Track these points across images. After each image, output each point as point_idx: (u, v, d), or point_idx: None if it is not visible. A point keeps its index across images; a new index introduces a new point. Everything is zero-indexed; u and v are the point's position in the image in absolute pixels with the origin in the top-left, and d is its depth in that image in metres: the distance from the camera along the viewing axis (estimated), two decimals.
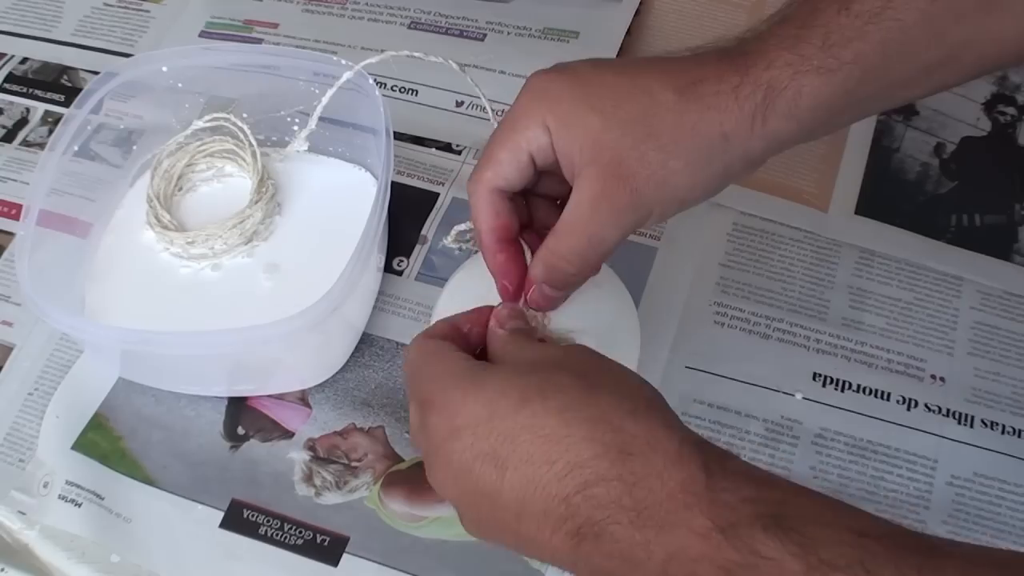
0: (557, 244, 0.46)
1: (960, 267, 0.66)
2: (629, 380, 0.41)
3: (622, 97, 0.45)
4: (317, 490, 0.58)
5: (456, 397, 0.41)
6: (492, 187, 0.47)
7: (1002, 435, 0.60)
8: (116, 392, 0.62)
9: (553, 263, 0.47)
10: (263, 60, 0.67)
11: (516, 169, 0.47)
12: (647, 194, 0.44)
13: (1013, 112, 0.73)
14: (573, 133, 0.45)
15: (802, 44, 0.44)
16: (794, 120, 0.44)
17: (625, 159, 0.44)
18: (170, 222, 0.64)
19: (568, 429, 0.38)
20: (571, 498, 0.37)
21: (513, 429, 0.39)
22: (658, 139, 0.44)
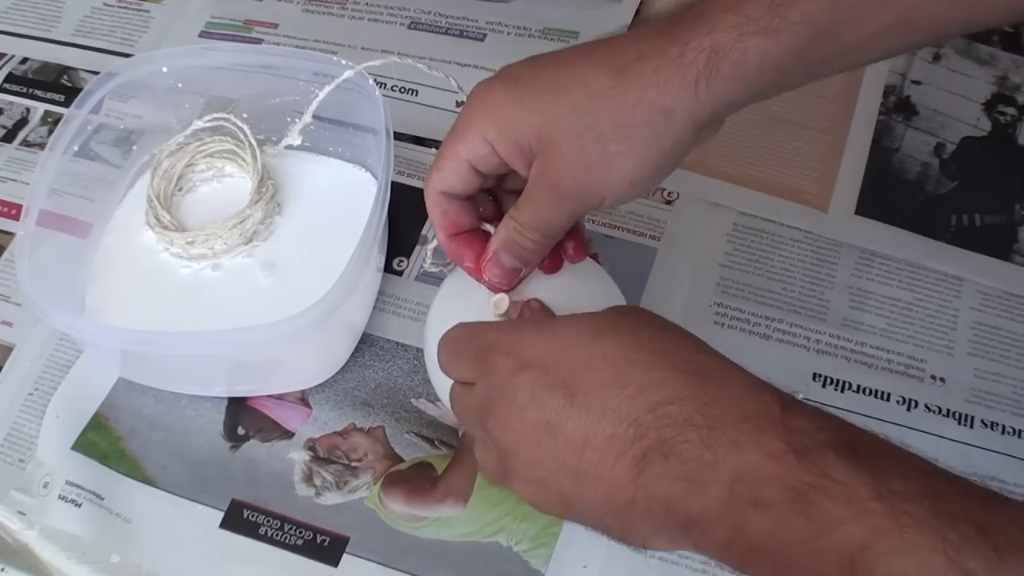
0: (516, 212, 0.49)
1: (960, 267, 0.66)
2: (691, 334, 0.42)
3: (559, 90, 0.45)
4: (317, 490, 0.58)
5: (528, 337, 0.42)
6: (437, 190, 0.50)
7: (1002, 435, 0.60)
8: (116, 392, 0.62)
9: (511, 227, 0.49)
10: (263, 60, 0.67)
11: (458, 177, 0.49)
12: (591, 183, 0.46)
13: (1013, 112, 0.73)
14: (516, 135, 0.46)
15: (748, 5, 0.43)
16: (741, 81, 0.44)
17: (565, 152, 0.45)
18: (170, 222, 0.64)
19: (642, 355, 0.38)
20: (642, 418, 0.37)
21: (586, 358, 0.39)
22: (596, 128, 0.45)
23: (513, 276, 0.51)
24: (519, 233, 0.49)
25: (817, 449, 0.35)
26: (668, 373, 0.38)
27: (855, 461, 0.34)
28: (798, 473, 0.34)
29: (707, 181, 0.70)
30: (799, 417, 0.36)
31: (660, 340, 0.39)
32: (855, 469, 0.34)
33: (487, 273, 0.50)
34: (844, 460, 0.34)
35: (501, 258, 0.50)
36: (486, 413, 0.42)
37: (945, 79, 0.75)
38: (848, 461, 0.34)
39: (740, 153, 0.71)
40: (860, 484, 0.34)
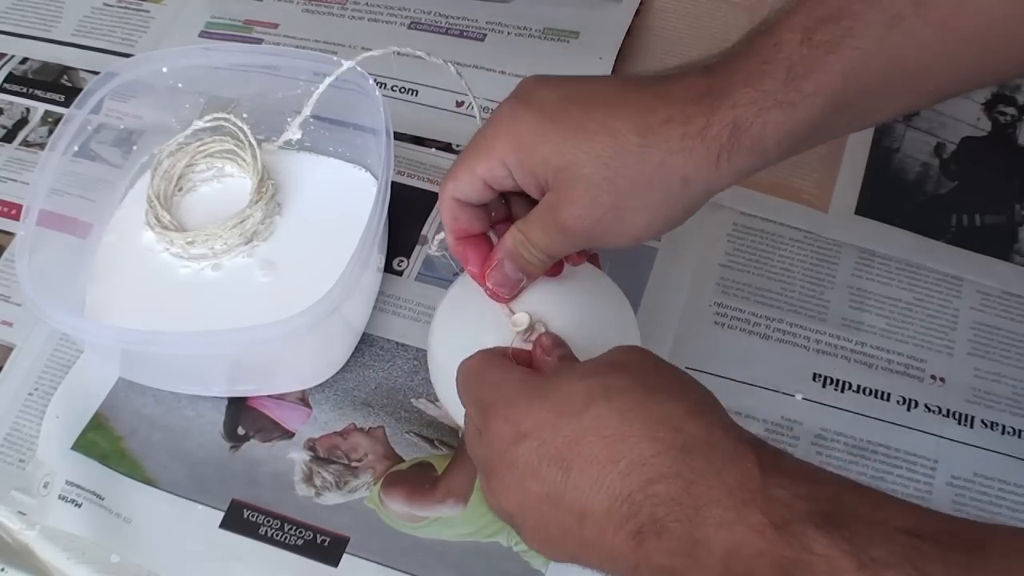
0: (525, 226, 0.49)
1: (960, 267, 0.66)
2: (685, 382, 0.42)
3: (585, 135, 0.46)
4: (317, 490, 0.58)
5: (521, 403, 0.42)
6: (451, 197, 0.50)
7: (1002, 435, 0.60)
8: (116, 392, 0.62)
9: (519, 241, 0.49)
10: (263, 60, 0.67)
11: (472, 190, 0.49)
12: (598, 231, 0.47)
13: (1013, 112, 0.73)
14: (535, 168, 0.47)
15: (766, 79, 0.44)
16: (760, 155, 0.45)
17: (579, 199, 0.46)
18: (170, 222, 0.64)
19: (631, 429, 0.39)
20: (634, 495, 0.38)
21: (578, 431, 0.40)
22: (614, 182, 0.45)
23: (515, 286, 0.51)
24: (524, 247, 0.49)
25: (798, 522, 0.35)
26: (656, 449, 0.38)
27: (834, 531, 0.35)
28: (782, 549, 0.35)
29: None
30: (779, 485, 0.37)
31: (649, 407, 0.40)
32: (835, 541, 0.35)
33: (490, 280, 0.51)
34: (824, 532, 0.35)
35: (504, 268, 0.50)
36: (489, 473, 0.44)
37: None
38: (827, 532, 0.35)
39: None
40: (841, 556, 0.34)
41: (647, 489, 0.38)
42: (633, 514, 0.38)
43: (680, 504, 0.37)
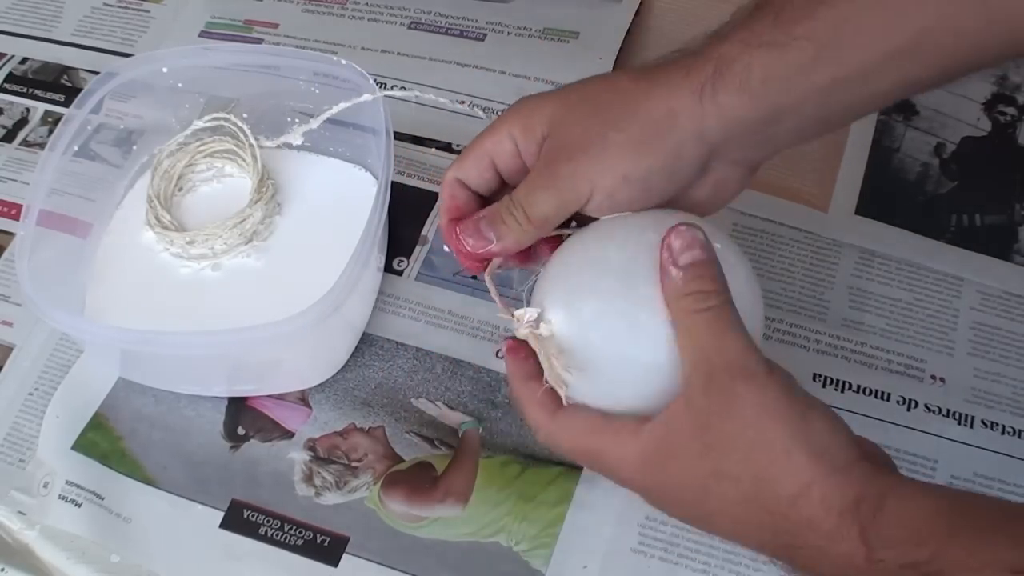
0: (514, 191, 0.48)
1: (960, 267, 0.66)
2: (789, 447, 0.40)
3: (583, 85, 0.48)
4: (317, 490, 0.58)
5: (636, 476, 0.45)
6: (454, 176, 0.50)
7: (1002, 435, 0.60)
8: (116, 392, 0.62)
9: (504, 202, 0.48)
10: (263, 60, 0.67)
11: (476, 170, 0.49)
12: (585, 165, 0.46)
13: (1013, 112, 0.73)
14: (533, 124, 0.47)
15: (755, 22, 0.45)
16: (746, 94, 0.44)
17: (570, 130, 0.46)
18: (170, 222, 0.64)
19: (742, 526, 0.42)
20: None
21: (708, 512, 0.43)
22: (603, 114, 0.46)
23: (482, 244, 0.48)
24: (507, 207, 0.48)
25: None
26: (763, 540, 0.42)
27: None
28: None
29: None
30: (883, 559, 0.38)
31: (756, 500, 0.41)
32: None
33: (461, 233, 0.49)
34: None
35: (480, 224, 0.48)
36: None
37: None
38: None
39: None
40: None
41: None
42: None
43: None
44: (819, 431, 0.40)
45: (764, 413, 0.40)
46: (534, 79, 0.74)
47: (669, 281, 0.43)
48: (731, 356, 0.41)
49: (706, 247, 0.43)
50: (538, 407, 0.46)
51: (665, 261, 0.43)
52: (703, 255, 0.43)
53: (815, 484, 0.39)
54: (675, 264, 0.43)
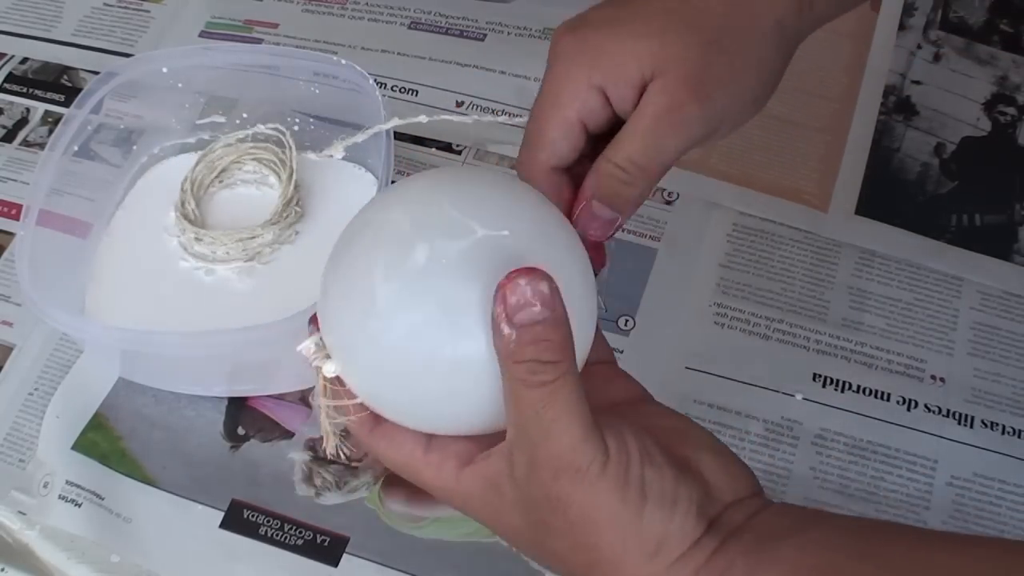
0: (614, 153, 0.42)
1: (960, 267, 0.66)
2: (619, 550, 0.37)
3: (669, 14, 0.42)
4: (317, 490, 0.58)
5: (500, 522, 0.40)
6: (549, 167, 0.44)
7: (1002, 436, 0.60)
8: (116, 392, 0.62)
9: (608, 171, 0.42)
10: (263, 60, 0.67)
11: (570, 145, 0.43)
12: (719, 102, 0.42)
13: (1013, 112, 0.73)
14: (629, 71, 0.42)
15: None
16: (833, 4, 0.45)
17: (692, 69, 0.41)
18: (192, 211, 0.64)
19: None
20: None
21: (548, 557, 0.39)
22: (719, 43, 0.42)
23: (610, 227, 0.43)
24: (617, 175, 0.42)
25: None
26: None
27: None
28: None
29: (707, 181, 0.70)
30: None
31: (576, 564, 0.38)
32: None
33: (582, 226, 0.43)
34: None
35: (595, 209, 0.43)
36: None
37: (945, 79, 0.75)
38: None
39: (740, 153, 0.71)
40: None
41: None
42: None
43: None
44: (653, 527, 0.36)
45: (590, 519, 0.36)
46: (534, 79, 0.74)
47: (500, 339, 0.35)
48: (558, 449, 0.35)
49: (552, 303, 0.34)
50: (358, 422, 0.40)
51: (498, 317, 0.34)
52: (549, 314, 0.34)
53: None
54: (510, 322, 0.34)
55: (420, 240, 0.36)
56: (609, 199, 0.42)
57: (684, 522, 0.36)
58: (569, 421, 0.35)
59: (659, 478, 0.36)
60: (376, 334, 0.36)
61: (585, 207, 0.43)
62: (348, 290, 0.37)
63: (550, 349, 0.34)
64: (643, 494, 0.36)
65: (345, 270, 0.38)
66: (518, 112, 0.73)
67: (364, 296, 0.36)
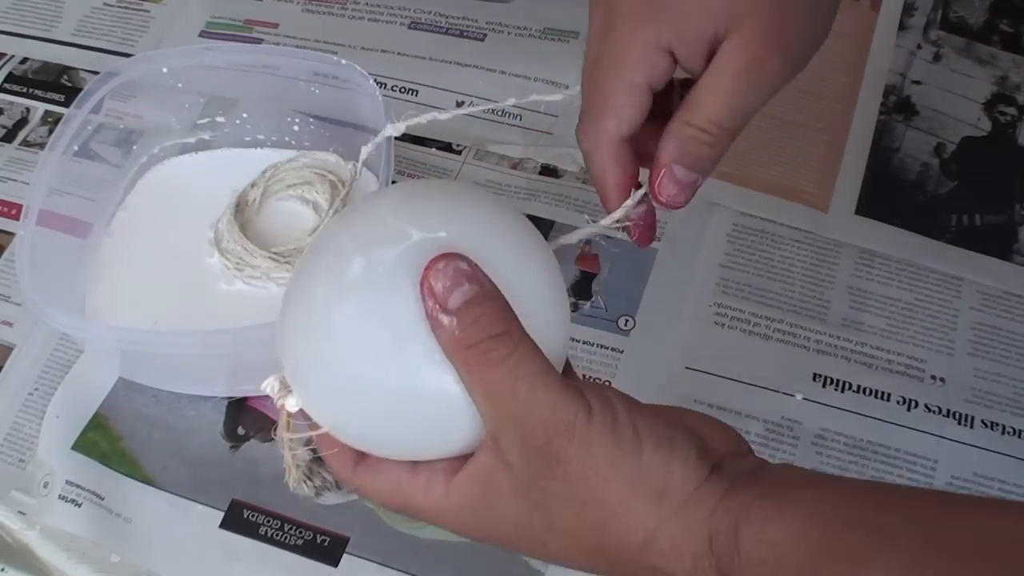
0: (692, 116, 0.40)
1: (960, 267, 0.66)
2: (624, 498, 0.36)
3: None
4: (317, 490, 0.58)
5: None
6: (618, 138, 0.42)
7: (1002, 435, 0.60)
8: (116, 392, 0.62)
9: (689, 135, 0.41)
10: (263, 60, 0.67)
11: (639, 111, 0.41)
12: (796, 49, 0.41)
13: (1013, 112, 0.73)
14: (700, 26, 0.40)
15: None
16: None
17: (768, 22, 0.40)
18: (240, 230, 0.63)
19: (593, 569, 0.38)
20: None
21: (552, 557, 0.38)
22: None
23: (690, 191, 0.42)
24: (699, 138, 0.41)
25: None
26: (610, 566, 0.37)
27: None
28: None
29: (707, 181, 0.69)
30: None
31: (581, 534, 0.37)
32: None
33: (663, 192, 0.41)
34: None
35: (676, 173, 0.41)
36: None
37: (945, 79, 0.75)
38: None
39: (740, 153, 0.71)
40: None
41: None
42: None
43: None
44: (654, 468, 0.35)
45: (591, 470, 0.35)
46: (534, 79, 0.74)
47: (443, 332, 0.34)
48: (544, 414, 0.35)
49: (477, 276, 0.34)
50: (337, 460, 0.40)
51: (432, 311, 0.34)
52: (478, 289, 0.34)
53: (660, 529, 0.35)
54: (445, 310, 0.34)
55: (357, 252, 0.35)
56: (691, 162, 0.41)
57: (685, 463, 0.36)
58: (543, 384, 0.35)
59: (651, 425, 0.36)
60: (326, 356, 0.35)
61: (665, 173, 0.41)
62: (297, 315, 0.37)
63: (495, 321, 0.34)
64: (637, 438, 0.35)
65: (293, 295, 0.37)
66: (517, 112, 0.73)
67: (310, 317, 0.36)
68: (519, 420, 0.35)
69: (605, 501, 0.35)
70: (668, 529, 0.35)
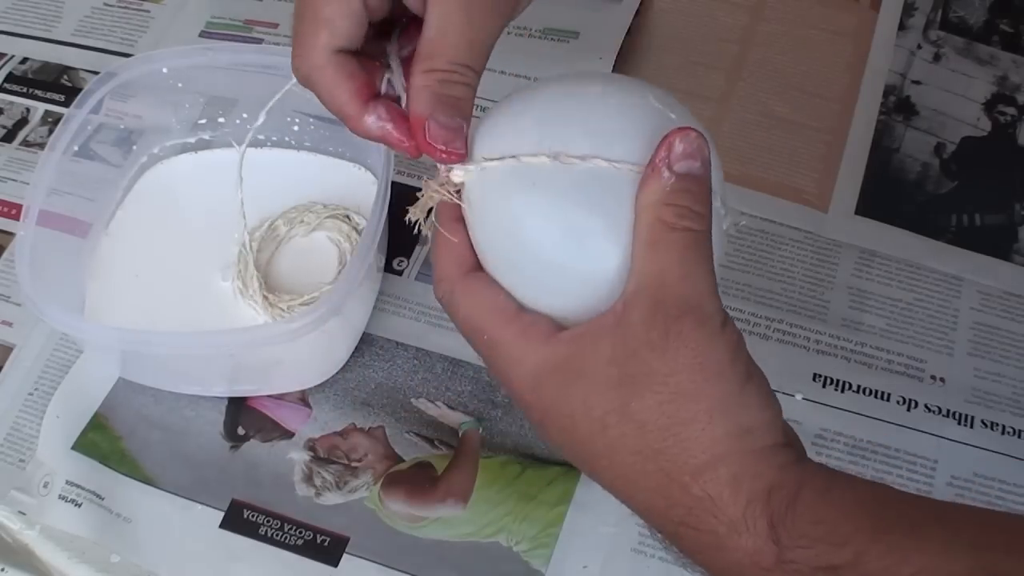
0: (434, 60, 0.38)
1: (960, 267, 0.66)
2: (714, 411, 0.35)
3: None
4: (317, 490, 0.58)
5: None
6: (331, 50, 0.39)
7: (1002, 436, 0.60)
8: (116, 392, 0.62)
9: (438, 80, 0.38)
10: (263, 60, 0.67)
11: (352, 22, 0.39)
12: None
13: (1013, 112, 0.73)
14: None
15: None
16: None
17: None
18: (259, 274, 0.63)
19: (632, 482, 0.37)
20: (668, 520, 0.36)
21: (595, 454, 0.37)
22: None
23: (460, 135, 0.39)
24: (449, 79, 0.38)
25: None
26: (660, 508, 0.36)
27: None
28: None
29: None
30: (795, 561, 0.34)
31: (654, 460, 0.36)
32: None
33: (435, 143, 0.39)
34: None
35: (440, 119, 0.38)
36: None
37: (945, 79, 0.75)
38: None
39: (740, 153, 0.71)
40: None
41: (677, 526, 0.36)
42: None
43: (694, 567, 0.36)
44: (751, 406, 0.36)
45: (702, 366, 0.35)
46: (534, 79, 0.74)
47: (654, 182, 0.36)
48: (692, 291, 0.36)
49: (707, 162, 0.37)
50: (451, 259, 0.39)
51: (659, 160, 0.36)
52: (704, 171, 0.37)
53: (728, 460, 0.35)
54: (670, 167, 0.36)
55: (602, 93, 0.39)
56: (451, 107, 0.39)
57: (775, 420, 0.36)
58: (707, 271, 0.36)
59: (760, 373, 0.37)
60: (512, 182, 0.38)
61: (431, 125, 0.38)
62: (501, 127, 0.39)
63: (701, 200, 0.36)
64: (749, 372, 0.36)
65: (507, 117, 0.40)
66: None
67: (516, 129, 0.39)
68: (667, 284, 0.36)
69: (694, 404, 0.35)
70: (736, 463, 0.35)
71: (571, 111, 0.39)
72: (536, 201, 0.37)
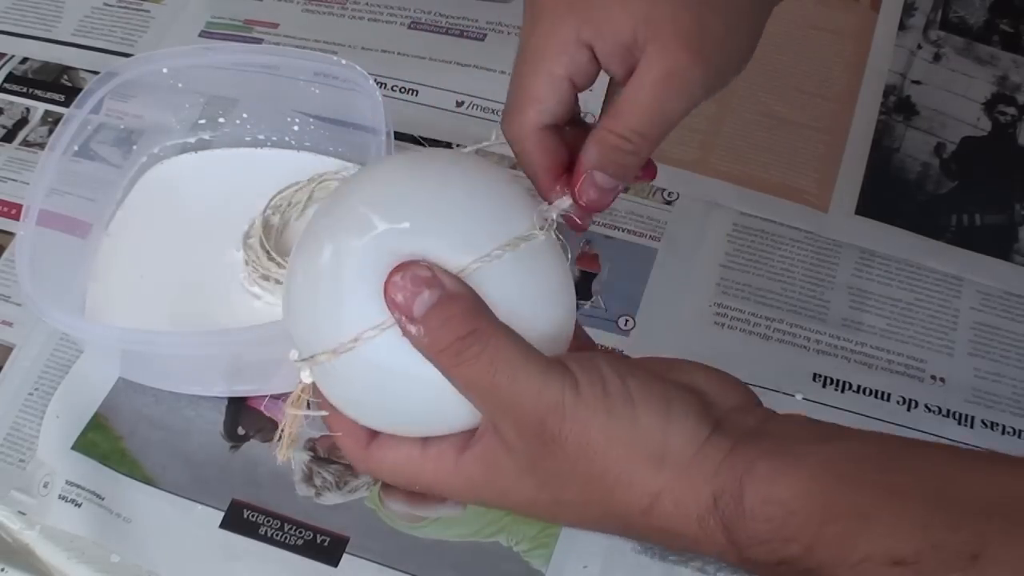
0: (615, 124, 0.41)
1: (960, 267, 0.66)
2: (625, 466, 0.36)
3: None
4: (317, 490, 0.58)
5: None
6: (538, 126, 0.43)
7: (1002, 436, 0.60)
8: (116, 392, 0.62)
9: (611, 143, 0.41)
10: (263, 60, 0.67)
11: (558, 101, 0.42)
12: (716, 61, 0.41)
13: (1013, 112, 0.73)
14: (619, 30, 0.41)
15: None
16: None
17: (689, 31, 0.40)
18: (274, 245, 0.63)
19: (607, 531, 0.38)
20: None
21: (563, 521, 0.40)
22: (709, 3, 0.41)
23: (612, 196, 0.42)
24: (620, 146, 0.41)
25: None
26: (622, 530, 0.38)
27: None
28: None
29: (707, 181, 0.70)
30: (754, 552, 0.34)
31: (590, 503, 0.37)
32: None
33: (584, 196, 0.42)
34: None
35: (596, 179, 0.42)
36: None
37: (945, 79, 0.75)
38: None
39: (740, 153, 0.71)
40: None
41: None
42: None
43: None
44: (651, 432, 0.35)
45: (587, 446, 0.35)
46: None
47: (414, 340, 0.35)
48: (531, 400, 0.35)
49: (437, 280, 0.35)
50: (350, 439, 0.41)
51: (399, 322, 0.35)
52: (440, 293, 0.35)
53: (664, 493, 0.35)
54: (411, 320, 0.35)
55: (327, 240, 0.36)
56: (612, 169, 0.42)
57: (684, 422, 0.36)
58: (524, 371, 0.35)
59: (644, 386, 0.36)
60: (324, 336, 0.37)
61: (586, 178, 0.42)
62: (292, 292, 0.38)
63: (461, 322, 0.35)
64: (630, 402, 0.35)
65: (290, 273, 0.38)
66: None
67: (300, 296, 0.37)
68: (508, 410, 0.35)
69: (607, 473, 0.35)
70: (672, 492, 0.35)
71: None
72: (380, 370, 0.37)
